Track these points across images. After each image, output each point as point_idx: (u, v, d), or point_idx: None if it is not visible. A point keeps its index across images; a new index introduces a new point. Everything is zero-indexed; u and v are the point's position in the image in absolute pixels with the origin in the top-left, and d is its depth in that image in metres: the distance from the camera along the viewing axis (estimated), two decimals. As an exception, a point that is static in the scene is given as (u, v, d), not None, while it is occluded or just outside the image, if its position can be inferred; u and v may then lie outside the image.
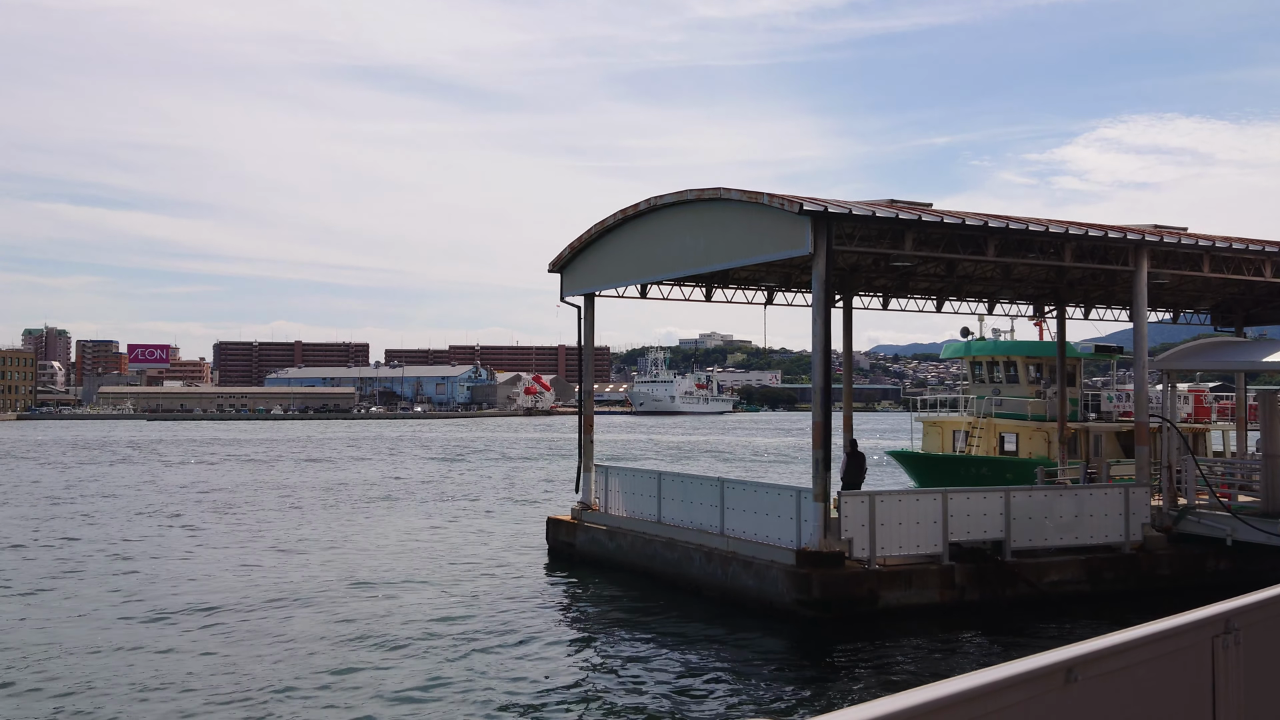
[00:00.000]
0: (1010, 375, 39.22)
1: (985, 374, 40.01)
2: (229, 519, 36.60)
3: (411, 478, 57.08)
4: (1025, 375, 38.63)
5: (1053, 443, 35.89)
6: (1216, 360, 26.47)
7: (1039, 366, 39.06)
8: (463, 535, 32.44)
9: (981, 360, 40.12)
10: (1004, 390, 38.70)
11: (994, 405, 38.06)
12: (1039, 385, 38.36)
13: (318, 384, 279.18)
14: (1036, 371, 39.10)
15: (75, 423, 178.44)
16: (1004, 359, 39.59)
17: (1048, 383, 38.13)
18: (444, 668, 16.22)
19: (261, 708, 14.14)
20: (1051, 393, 37.15)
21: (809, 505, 19.77)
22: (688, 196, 23.53)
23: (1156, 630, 3.83)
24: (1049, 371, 38.40)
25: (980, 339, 40.43)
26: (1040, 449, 36.77)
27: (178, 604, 21.13)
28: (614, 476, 26.91)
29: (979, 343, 40.22)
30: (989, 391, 38.88)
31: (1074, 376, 38.37)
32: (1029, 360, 39.21)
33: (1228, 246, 24.40)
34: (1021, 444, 37.19)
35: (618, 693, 15.18)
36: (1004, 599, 20.48)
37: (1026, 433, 37.35)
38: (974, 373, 40.44)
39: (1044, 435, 36.91)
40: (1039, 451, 36.56)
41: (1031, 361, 39.25)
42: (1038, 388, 38.18)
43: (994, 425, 38.01)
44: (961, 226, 21.14)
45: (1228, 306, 34.66)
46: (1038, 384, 38.47)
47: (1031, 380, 38.52)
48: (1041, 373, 38.99)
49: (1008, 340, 40.61)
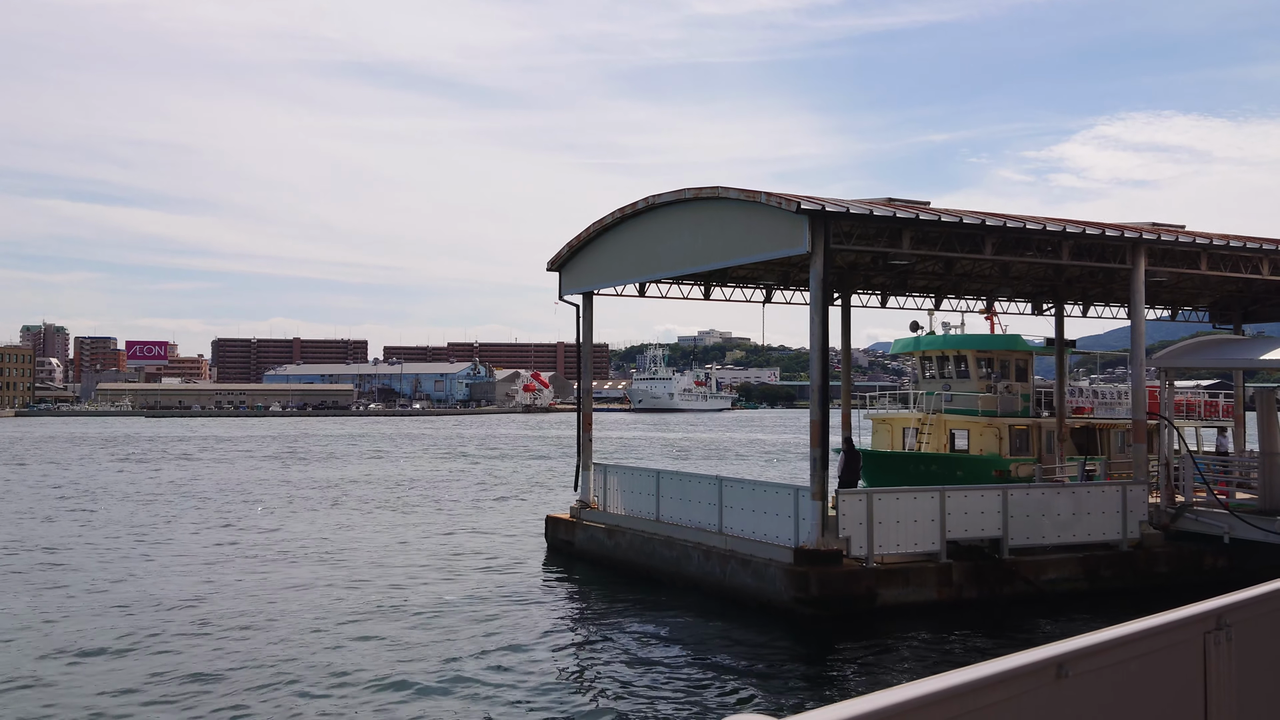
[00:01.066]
0: (960, 370, 37.75)
1: (935, 369, 38.70)
2: (226, 516, 36.60)
3: (410, 475, 57.07)
4: (976, 370, 37.19)
5: (1004, 439, 35.13)
6: (1214, 358, 26.49)
7: (989, 361, 37.64)
8: (461, 533, 32.45)
9: (931, 355, 38.66)
10: (954, 385, 37.33)
11: (944, 401, 36.73)
12: (990, 380, 37.05)
13: (316, 381, 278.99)
14: (987, 366, 37.66)
15: (74, 420, 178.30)
16: (954, 353, 38.06)
17: (997, 377, 37.00)
18: (441, 664, 16.25)
19: (261, 705, 14.17)
20: (1003, 388, 36.24)
21: (807, 503, 19.80)
22: (686, 195, 23.55)
23: (1148, 626, 3.86)
24: (1000, 366, 37.33)
25: (930, 333, 38.91)
26: (991, 446, 35.50)
27: (171, 602, 21.16)
28: (613, 475, 26.93)
29: (929, 337, 38.67)
30: (939, 387, 37.56)
31: (1025, 371, 37.63)
32: (979, 354, 37.64)
33: (1225, 244, 24.43)
34: (972, 441, 35.85)
35: (615, 690, 15.21)
36: (1002, 597, 20.52)
37: (977, 429, 35.94)
38: (924, 368, 39.19)
39: (994, 432, 35.73)
40: (990, 448, 35.34)
41: (982, 356, 37.71)
42: (988, 383, 36.90)
43: (944, 421, 36.74)
44: (959, 225, 21.16)
45: (1226, 304, 34.69)
46: (988, 379, 37.15)
47: (982, 375, 37.13)
48: (992, 367, 37.57)
49: (957, 334, 39.13)
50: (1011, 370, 37.30)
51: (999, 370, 37.18)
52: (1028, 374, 37.87)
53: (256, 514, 37.35)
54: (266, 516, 36.62)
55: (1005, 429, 35.48)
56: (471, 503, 42.02)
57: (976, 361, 37.36)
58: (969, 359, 37.41)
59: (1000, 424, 35.56)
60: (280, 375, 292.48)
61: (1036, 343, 39.17)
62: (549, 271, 28.75)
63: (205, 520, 35.46)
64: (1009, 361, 37.53)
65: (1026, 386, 37.15)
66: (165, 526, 33.75)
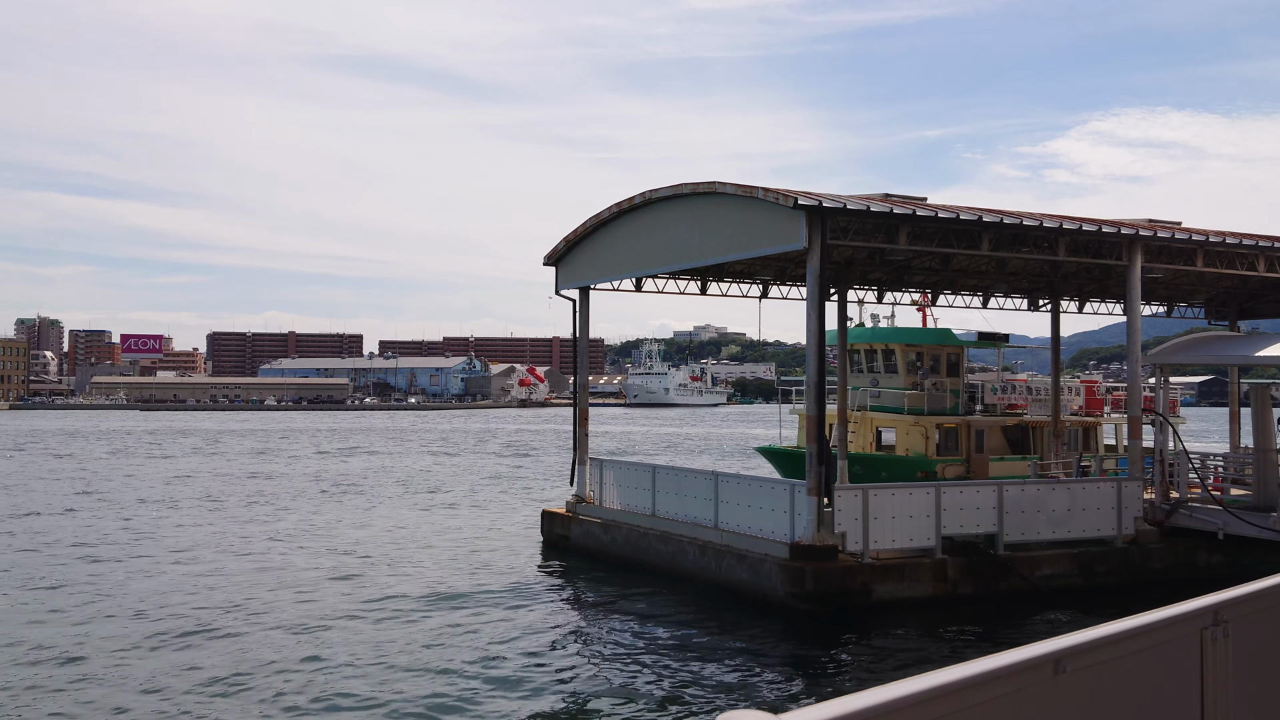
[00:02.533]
0: (889, 365, 35.78)
1: (864, 363, 36.62)
2: (224, 512, 36.57)
3: (406, 469, 57.04)
4: (904, 365, 35.28)
5: (929, 439, 33.39)
6: (1209, 354, 26.52)
7: (920, 355, 35.73)
8: (457, 527, 32.45)
9: (860, 348, 36.53)
10: (883, 381, 35.48)
11: (871, 397, 35.02)
12: (918, 376, 35.15)
13: (311, 375, 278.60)
14: (917, 360, 35.71)
15: (68, 413, 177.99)
16: (882, 347, 36.03)
17: (925, 373, 35.17)
18: (435, 658, 16.25)
19: (260, 699, 14.17)
20: (930, 384, 34.51)
21: (802, 499, 19.82)
22: (683, 190, 23.53)
23: (1145, 622, 3.86)
24: (931, 361, 35.60)
25: (860, 325, 36.88)
26: (918, 445, 33.64)
27: (165, 597, 21.15)
28: (608, 469, 26.94)
29: (857, 330, 36.49)
30: (868, 382, 35.70)
31: (957, 366, 36.07)
32: (908, 348, 35.74)
33: (1221, 241, 24.47)
34: (899, 439, 34.11)
35: (609, 685, 15.22)
36: (996, 592, 20.56)
37: (903, 427, 34.11)
38: (853, 362, 36.78)
39: (920, 431, 33.78)
40: (915, 448, 33.51)
41: (912, 350, 35.80)
42: (915, 378, 35.02)
43: (870, 419, 34.94)
44: (955, 221, 21.17)
45: (1222, 300, 34.75)
46: (916, 375, 35.21)
47: (911, 370, 35.23)
48: (922, 361, 35.72)
49: (886, 327, 37.03)
50: (943, 365, 35.72)
51: (930, 365, 35.52)
52: (960, 369, 36.31)
53: (251, 506, 37.32)
54: (261, 511, 36.58)
55: (931, 427, 33.72)
56: (467, 497, 42.01)
57: (905, 356, 35.66)
58: (897, 353, 35.67)
59: (927, 422, 33.80)
60: (275, 369, 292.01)
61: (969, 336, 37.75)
62: (545, 266, 28.72)
63: (201, 515, 35.42)
64: (940, 356, 35.90)
65: (958, 382, 35.55)
66: (157, 521, 33.70)
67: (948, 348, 36.10)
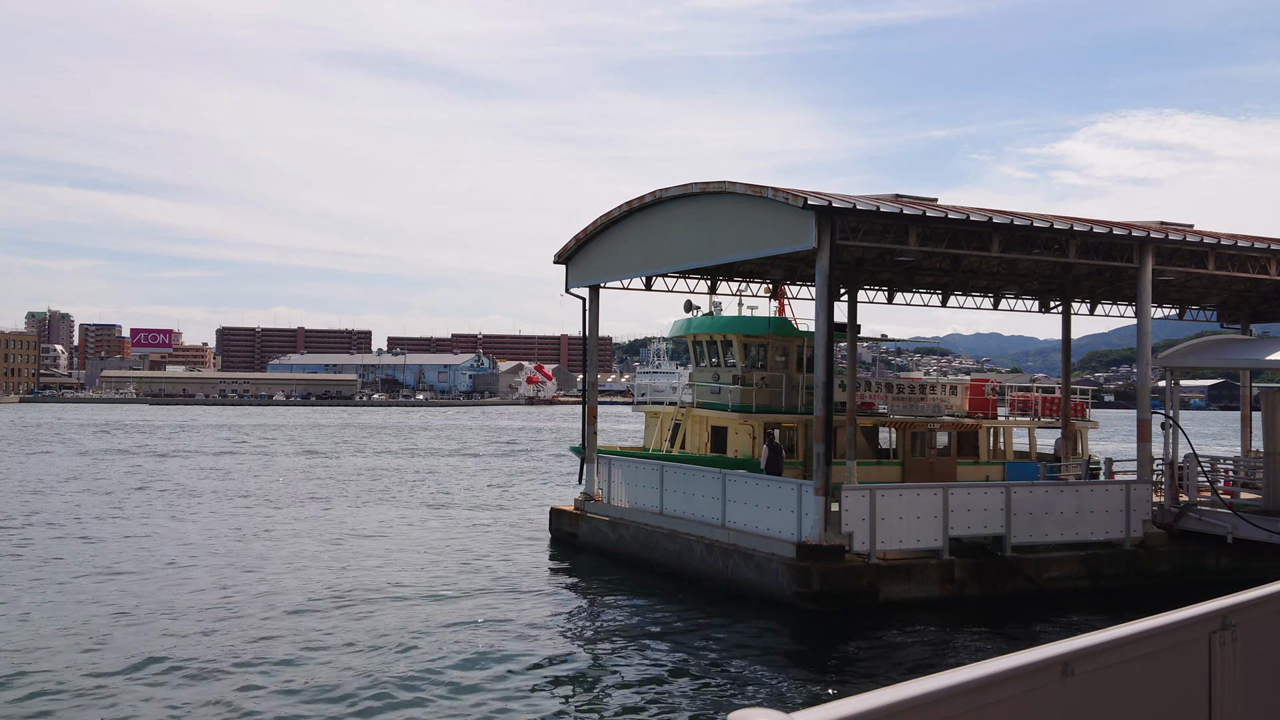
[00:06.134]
0: (728, 358, 32.75)
1: (705, 356, 33.65)
2: (228, 509, 36.69)
3: (414, 467, 57.15)
4: (742, 358, 32.34)
5: (757, 439, 30.59)
6: (1219, 357, 26.44)
7: (761, 348, 32.66)
8: (466, 525, 32.51)
9: (701, 340, 33.63)
10: (722, 375, 32.55)
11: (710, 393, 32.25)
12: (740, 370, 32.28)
13: (320, 370, 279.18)
14: (759, 353, 32.69)
15: (79, 406, 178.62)
16: (720, 338, 32.90)
17: (748, 366, 32.19)
18: (443, 653, 16.29)
19: (267, 694, 14.23)
20: (759, 379, 31.77)
21: (810, 499, 19.82)
22: (693, 190, 23.54)
23: (1154, 626, 3.87)
24: (778, 354, 32.71)
25: (708, 314, 33.93)
26: (746, 446, 30.78)
27: (174, 590, 21.25)
28: (616, 468, 26.96)
29: (699, 319, 33.69)
30: (709, 376, 32.96)
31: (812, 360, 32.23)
32: (746, 340, 32.54)
33: (1233, 244, 24.38)
34: (730, 440, 31.24)
35: (616, 682, 15.25)
36: (1004, 594, 20.54)
37: (734, 426, 31.21)
38: (695, 354, 34.17)
39: (749, 430, 31.00)
40: (745, 449, 30.66)
41: (751, 342, 32.65)
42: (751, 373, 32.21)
43: (701, 418, 32.31)
44: (965, 222, 21.13)
45: (1234, 304, 34.62)
46: (755, 368, 32.41)
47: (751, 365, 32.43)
48: (765, 355, 32.68)
49: (723, 317, 33.77)
50: (793, 359, 32.94)
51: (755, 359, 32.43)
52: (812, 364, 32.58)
53: (258, 504, 37.43)
54: (272, 506, 36.69)
55: (760, 427, 30.92)
56: (476, 494, 42.07)
57: (743, 348, 32.52)
58: (735, 344, 32.56)
59: (756, 421, 30.93)
60: (284, 365, 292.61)
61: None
62: (556, 264, 28.75)
63: (209, 509, 35.55)
64: (789, 349, 32.98)
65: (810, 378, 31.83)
66: (170, 515, 33.84)
67: (796, 339, 33.10)
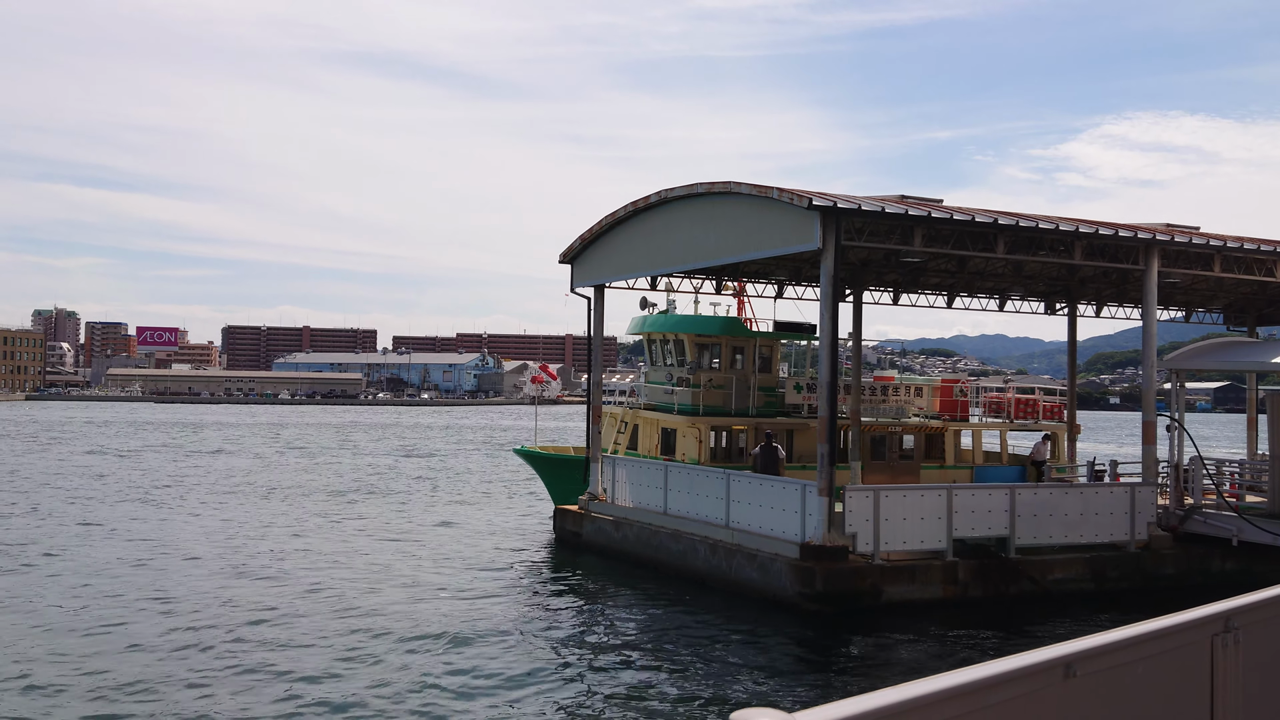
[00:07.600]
0: (680, 358, 31.89)
1: (660, 356, 32.81)
2: (234, 506, 36.76)
3: (419, 466, 57.22)
4: (693, 358, 31.52)
5: (704, 444, 29.88)
6: (1225, 360, 26.40)
7: (715, 347, 31.91)
8: (470, 524, 32.54)
9: (655, 338, 32.83)
10: (676, 374, 31.71)
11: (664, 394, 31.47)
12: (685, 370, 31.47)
13: (325, 369, 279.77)
14: (711, 354, 31.88)
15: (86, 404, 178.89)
16: (673, 337, 32.03)
17: (693, 366, 31.37)
18: (446, 652, 16.31)
19: (268, 693, 14.26)
20: (706, 380, 31.05)
21: (814, 499, 19.82)
22: (698, 190, 23.55)
23: (1156, 628, 3.87)
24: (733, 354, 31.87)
25: (664, 312, 33.13)
26: (692, 450, 29.89)
27: (181, 588, 21.31)
28: (620, 467, 26.97)
29: (654, 318, 32.84)
30: (664, 376, 32.12)
31: (769, 361, 32.35)
32: (697, 339, 31.69)
33: (1239, 247, 24.33)
34: (678, 443, 30.41)
35: (618, 681, 15.25)
36: (1007, 596, 20.52)
37: (681, 429, 30.38)
38: (650, 353, 33.42)
39: (696, 433, 30.07)
40: (692, 453, 29.77)
41: (703, 341, 31.80)
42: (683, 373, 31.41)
43: (652, 419, 31.55)
44: (971, 223, 21.11)
45: (1240, 306, 34.54)
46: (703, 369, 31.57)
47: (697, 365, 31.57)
48: (719, 355, 31.86)
49: (676, 315, 32.95)
50: (751, 360, 31.95)
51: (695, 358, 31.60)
52: (772, 364, 32.48)
53: (264, 502, 37.50)
54: (279, 505, 36.75)
55: (706, 430, 30.11)
56: (481, 493, 42.12)
57: (695, 348, 31.63)
58: (686, 343, 31.66)
59: (702, 424, 30.03)
60: (290, 363, 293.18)
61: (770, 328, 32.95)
62: (561, 264, 28.76)
63: (209, 506, 35.62)
64: (746, 349, 32.01)
65: (770, 379, 31.83)
66: (168, 515, 33.92)
67: (750, 340, 32.24)
